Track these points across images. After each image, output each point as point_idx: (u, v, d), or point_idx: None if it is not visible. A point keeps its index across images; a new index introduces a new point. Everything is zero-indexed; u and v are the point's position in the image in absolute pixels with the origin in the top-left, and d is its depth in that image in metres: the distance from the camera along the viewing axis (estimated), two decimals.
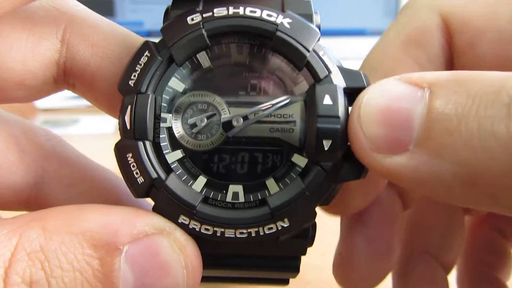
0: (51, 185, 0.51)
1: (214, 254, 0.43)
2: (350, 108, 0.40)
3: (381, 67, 0.48)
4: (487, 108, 0.32)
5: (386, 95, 0.36)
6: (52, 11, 0.45)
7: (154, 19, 1.80)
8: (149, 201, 0.43)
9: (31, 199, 0.50)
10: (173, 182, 0.41)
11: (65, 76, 0.47)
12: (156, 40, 0.44)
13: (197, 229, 0.40)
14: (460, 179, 0.33)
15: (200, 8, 0.43)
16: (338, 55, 0.43)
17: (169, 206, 0.41)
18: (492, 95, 0.32)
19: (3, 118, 0.49)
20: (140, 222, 0.38)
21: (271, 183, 0.44)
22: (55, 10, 0.45)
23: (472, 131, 0.32)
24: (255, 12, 0.42)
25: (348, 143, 0.40)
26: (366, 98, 0.37)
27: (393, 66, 0.48)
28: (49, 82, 0.46)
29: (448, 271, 0.61)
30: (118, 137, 0.43)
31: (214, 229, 0.41)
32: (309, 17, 0.43)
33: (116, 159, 0.42)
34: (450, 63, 0.49)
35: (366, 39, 1.80)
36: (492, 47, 0.46)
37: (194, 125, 0.44)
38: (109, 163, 0.50)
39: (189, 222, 0.40)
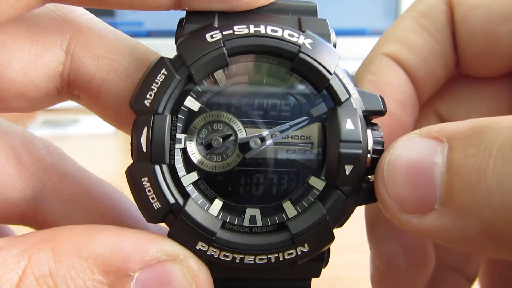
0: (49, 200, 0.49)
1: (228, 279, 0.42)
2: (368, 131, 0.40)
3: (396, 35, 0.51)
4: (504, 162, 0.32)
5: (407, 155, 0.37)
6: (57, 20, 0.43)
7: (154, 19, 1.79)
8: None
9: (28, 214, 0.49)
10: (192, 208, 0.40)
11: (69, 87, 0.45)
12: (156, 40, 0.43)
13: (216, 256, 0.39)
14: (486, 235, 0.33)
15: (216, 23, 0.41)
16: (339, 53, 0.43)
17: (187, 233, 0.39)
18: (508, 146, 0.32)
19: (3, 129, 0.48)
20: (153, 248, 0.37)
21: (288, 206, 0.43)
22: (61, 19, 0.44)
23: (491, 187, 0.32)
24: (276, 31, 0.41)
25: (367, 166, 0.40)
26: (388, 159, 0.37)
27: (406, 34, 0.51)
28: (52, 94, 0.45)
29: (472, 282, 0.61)
30: (118, 137, 0.42)
31: (234, 255, 0.39)
32: (327, 37, 0.43)
33: (129, 183, 0.40)
34: (454, 32, 0.52)
35: (366, 39, 1.81)
36: (481, 23, 0.49)
37: (209, 146, 0.42)
38: (109, 163, 0.50)
39: (208, 249, 0.39)
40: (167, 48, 0.47)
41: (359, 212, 0.44)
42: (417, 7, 0.52)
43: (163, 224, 0.41)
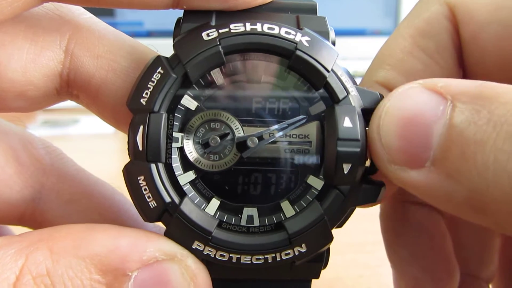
0: (48, 201, 0.49)
1: (226, 279, 0.42)
2: (367, 129, 0.40)
3: (391, 58, 0.47)
4: (506, 141, 0.31)
5: (406, 105, 0.36)
6: (57, 20, 0.43)
7: (154, 19, 1.79)
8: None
9: (27, 214, 0.49)
10: (188, 207, 0.39)
11: (68, 87, 0.45)
12: (157, 40, 0.43)
13: (212, 255, 0.39)
14: (471, 205, 0.33)
15: (213, 22, 0.41)
16: (339, 55, 0.42)
17: (183, 232, 0.39)
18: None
19: (2, 130, 0.48)
20: (151, 248, 0.36)
21: (286, 205, 0.43)
22: (60, 18, 0.43)
23: (487, 162, 0.31)
24: (273, 29, 0.40)
25: (367, 165, 0.40)
26: (387, 106, 0.37)
27: (402, 57, 0.47)
28: (51, 93, 0.44)
29: (489, 283, 0.60)
30: (118, 137, 0.42)
31: (230, 255, 0.39)
32: (325, 34, 0.42)
33: (125, 182, 0.40)
34: (460, 52, 0.48)
35: (366, 39, 1.80)
36: (494, 40, 0.45)
37: (206, 145, 0.42)
38: (109, 163, 0.50)
39: (204, 248, 0.39)
40: (167, 48, 0.47)
41: (359, 212, 0.44)
42: (416, 22, 0.47)
43: (162, 224, 0.41)
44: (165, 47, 0.47)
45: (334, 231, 0.57)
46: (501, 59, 0.45)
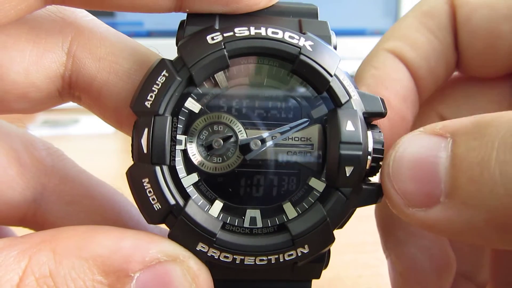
0: (50, 202, 0.49)
1: (228, 280, 0.42)
2: (369, 133, 0.41)
3: (399, 33, 0.52)
4: (506, 152, 0.32)
5: (412, 150, 0.37)
6: (59, 22, 0.43)
7: (154, 19, 1.79)
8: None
9: (28, 216, 0.49)
10: (192, 209, 0.40)
11: (70, 89, 0.45)
12: (157, 40, 0.43)
13: (216, 257, 0.39)
14: (493, 226, 0.33)
15: (217, 25, 0.41)
16: (339, 54, 0.43)
17: (187, 234, 0.39)
18: (511, 138, 0.32)
19: (4, 131, 0.48)
20: (153, 249, 0.37)
21: (288, 207, 0.43)
22: (62, 21, 0.44)
23: (495, 177, 0.32)
24: (277, 33, 0.41)
25: (367, 168, 0.40)
26: (394, 155, 0.38)
27: (409, 32, 0.51)
28: (53, 95, 0.45)
29: None
30: (118, 137, 0.42)
31: (234, 256, 0.39)
32: (328, 39, 0.43)
33: (129, 184, 0.40)
34: (456, 32, 0.52)
35: (366, 39, 1.80)
36: (484, 22, 0.49)
37: (210, 147, 0.43)
38: (109, 163, 0.50)
39: (208, 250, 0.39)
40: (168, 48, 0.47)
41: (359, 212, 0.44)
42: (421, 7, 0.53)
43: (163, 226, 0.41)
44: (165, 47, 0.47)
45: (334, 232, 0.57)
46: (489, 39, 0.49)
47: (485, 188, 0.33)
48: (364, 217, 0.58)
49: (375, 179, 0.44)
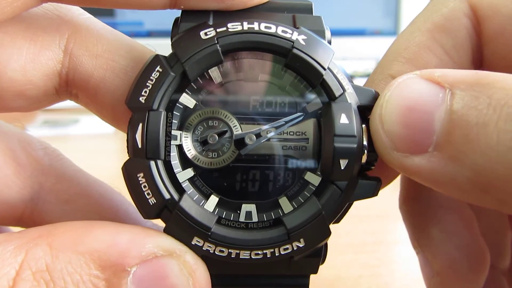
0: (47, 201, 0.49)
1: (225, 275, 0.42)
2: (363, 126, 0.41)
3: (407, 51, 0.47)
4: (507, 121, 0.32)
5: (407, 94, 0.37)
6: (56, 20, 0.44)
7: (154, 19, 1.79)
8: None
9: (25, 215, 0.49)
10: (187, 203, 0.40)
11: (67, 86, 0.45)
12: (157, 40, 0.43)
13: (211, 251, 0.39)
14: (475, 185, 0.34)
15: (211, 21, 0.42)
16: (338, 55, 0.43)
17: (182, 228, 0.39)
18: None
19: (1, 130, 0.48)
20: (150, 243, 0.37)
21: (284, 201, 0.43)
22: (59, 18, 0.44)
23: (491, 142, 0.32)
24: (270, 28, 0.41)
25: (362, 162, 0.40)
26: (388, 96, 0.38)
27: (419, 51, 0.47)
28: (50, 93, 0.45)
29: (505, 275, 0.59)
30: (118, 137, 0.42)
31: (229, 250, 0.40)
32: (322, 33, 0.43)
33: (125, 179, 0.40)
34: (477, 51, 0.48)
35: (366, 39, 1.80)
36: None
37: (205, 142, 0.43)
38: (109, 163, 0.50)
39: (203, 244, 0.39)
40: (168, 48, 0.47)
41: (359, 212, 0.44)
42: (433, 17, 0.47)
43: (161, 224, 0.41)
44: (165, 47, 0.47)
45: (335, 232, 0.57)
46: None
47: (477, 149, 0.33)
48: (364, 217, 0.58)
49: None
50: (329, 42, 0.43)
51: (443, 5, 0.48)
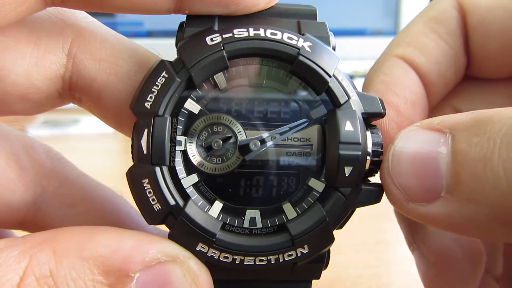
0: (50, 205, 0.49)
1: (228, 280, 0.43)
2: (367, 133, 0.41)
3: (408, 38, 0.51)
4: (509, 150, 0.33)
5: (410, 145, 0.38)
6: (59, 23, 0.44)
7: (154, 19, 1.79)
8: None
9: (28, 219, 0.49)
10: (192, 210, 0.40)
11: (71, 90, 0.45)
12: (157, 40, 0.43)
13: (216, 257, 0.40)
14: (494, 221, 0.34)
15: (216, 26, 0.42)
16: (338, 55, 0.43)
17: (187, 234, 0.39)
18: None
19: (3, 134, 0.48)
20: (153, 249, 0.37)
21: (288, 207, 0.43)
22: (62, 22, 0.44)
23: (498, 174, 0.33)
24: (276, 34, 0.41)
25: (366, 168, 0.41)
26: (393, 149, 0.38)
27: (418, 37, 0.51)
28: (53, 96, 0.45)
29: (498, 281, 0.60)
30: (118, 137, 0.42)
31: (234, 257, 0.40)
32: (326, 40, 0.43)
33: (129, 185, 0.40)
34: (466, 38, 0.52)
35: (366, 39, 1.80)
36: (498, 23, 0.49)
37: (209, 148, 0.43)
38: (109, 163, 0.50)
39: (208, 250, 0.39)
40: (167, 48, 0.47)
41: (359, 212, 0.44)
42: (428, 13, 0.53)
43: (163, 228, 0.41)
44: (165, 47, 0.47)
45: (335, 232, 0.57)
46: (503, 40, 0.49)
47: (488, 185, 0.33)
48: (364, 217, 0.58)
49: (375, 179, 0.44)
50: (334, 48, 0.43)
51: (436, 3, 0.53)
